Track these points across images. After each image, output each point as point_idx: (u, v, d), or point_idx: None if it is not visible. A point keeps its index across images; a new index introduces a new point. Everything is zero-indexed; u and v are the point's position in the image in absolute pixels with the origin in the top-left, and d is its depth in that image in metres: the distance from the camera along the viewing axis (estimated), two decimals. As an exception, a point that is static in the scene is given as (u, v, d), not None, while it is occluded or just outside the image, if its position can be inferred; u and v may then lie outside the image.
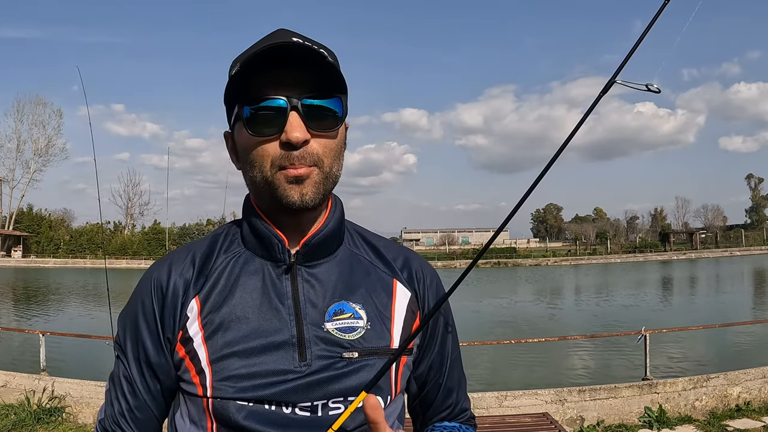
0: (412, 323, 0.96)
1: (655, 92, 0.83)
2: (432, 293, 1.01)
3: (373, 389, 0.86)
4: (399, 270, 0.99)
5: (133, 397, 0.90)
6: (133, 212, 70.92)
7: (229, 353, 0.85)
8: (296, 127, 0.82)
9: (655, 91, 0.82)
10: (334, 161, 0.88)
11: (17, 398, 5.68)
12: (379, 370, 0.82)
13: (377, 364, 0.88)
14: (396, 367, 0.91)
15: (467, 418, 1.07)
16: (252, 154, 0.86)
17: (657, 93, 0.83)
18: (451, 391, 1.05)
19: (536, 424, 4.26)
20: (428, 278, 1.01)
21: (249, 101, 0.84)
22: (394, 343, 0.91)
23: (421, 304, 0.99)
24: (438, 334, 1.01)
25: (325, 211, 0.94)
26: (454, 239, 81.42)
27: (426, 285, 1.00)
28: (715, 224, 75.95)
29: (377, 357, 0.89)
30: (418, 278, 1.00)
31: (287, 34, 0.86)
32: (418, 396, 1.03)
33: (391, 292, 0.96)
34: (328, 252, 0.94)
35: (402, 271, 0.99)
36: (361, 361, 0.87)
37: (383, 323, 0.92)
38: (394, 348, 0.91)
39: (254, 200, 0.94)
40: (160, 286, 0.91)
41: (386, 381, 0.90)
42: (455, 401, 1.05)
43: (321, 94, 0.85)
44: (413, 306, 0.97)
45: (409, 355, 0.95)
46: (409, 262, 1.01)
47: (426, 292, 1.00)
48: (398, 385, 0.92)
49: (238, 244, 0.94)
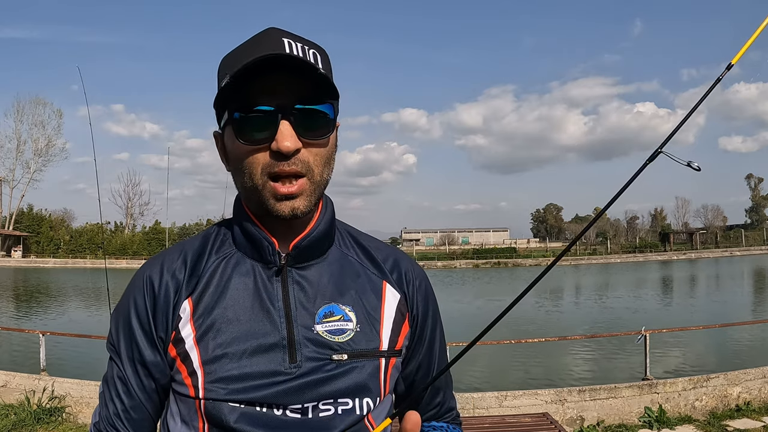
0: (401, 325, 0.96)
1: (695, 170, 0.88)
2: (421, 295, 1.01)
3: (363, 391, 0.88)
4: (389, 272, 1.00)
5: (128, 397, 0.90)
6: (133, 212, 70.98)
7: (221, 355, 0.85)
8: (287, 136, 0.81)
9: (696, 169, 0.88)
10: (324, 168, 0.88)
11: (17, 398, 5.68)
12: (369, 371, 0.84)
13: (366, 366, 0.89)
14: (385, 368, 0.92)
15: (453, 417, 1.09)
16: (242, 161, 0.86)
17: (698, 171, 0.88)
18: (438, 390, 1.07)
19: (536, 424, 4.26)
20: (417, 280, 1.02)
21: (239, 107, 0.83)
22: (383, 345, 0.92)
23: (410, 306, 0.99)
24: (426, 335, 1.02)
25: (315, 213, 0.94)
26: (454, 239, 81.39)
27: (415, 287, 1.01)
28: (715, 224, 75.90)
29: (366, 359, 0.90)
30: (407, 280, 1.00)
31: (278, 36, 0.84)
32: (405, 396, 1.04)
33: (380, 294, 0.96)
34: (318, 254, 0.94)
35: (392, 273, 1.00)
36: (351, 363, 0.88)
37: (372, 325, 0.92)
38: (383, 350, 0.92)
39: (245, 202, 0.93)
40: (152, 285, 0.91)
41: (375, 382, 0.90)
42: (442, 400, 1.07)
43: (312, 101, 0.84)
44: (402, 308, 0.98)
45: (398, 357, 0.95)
46: (399, 264, 1.02)
47: (415, 294, 1.00)
48: (387, 386, 0.93)
49: (229, 245, 0.94)
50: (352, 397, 0.87)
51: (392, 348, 0.94)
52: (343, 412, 0.86)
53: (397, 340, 0.95)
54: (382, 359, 0.92)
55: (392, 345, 0.94)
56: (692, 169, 0.87)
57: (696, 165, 0.87)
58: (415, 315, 1.00)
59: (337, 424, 0.86)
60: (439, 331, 1.06)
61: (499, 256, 58.16)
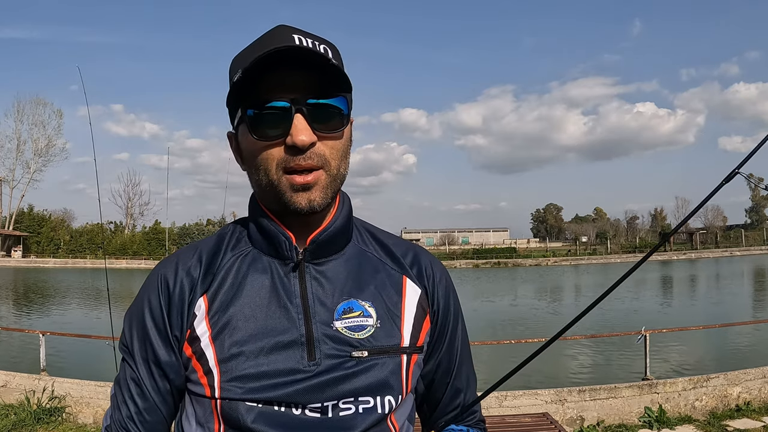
0: (422, 321, 0.94)
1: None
2: (442, 289, 0.99)
3: (384, 389, 0.86)
4: (408, 266, 0.97)
5: (142, 399, 0.88)
6: (133, 212, 71.05)
7: (237, 353, 0.83)
8: (302, 130, 0.81)
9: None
10: (341, 161, 0.87)
11: (17, 398, 5.68)
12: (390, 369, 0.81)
13: (388, 363, 0.87)
14: (407, 365, 0.89)
15: (476, 420, 1.04)
16: (257, 158, 0.84)
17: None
18: (459, 391, 1.02)
19: (536, 424, 4.26)
20: (438, 275, 0.99)
21: (252, 104, 0.83)
22: (404, 341, 0.90)
23: (431, 301, 0.97)
24: (447, 332, 0.99)
25: (332, 208, 0.92)
26: (454, 239, 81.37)
27: (436, 281, 0.98)
28: (715, 224, 75.88)
29: (387, 356, 0.87)
30: (428, 275, 0.98)
31: (288, 32, 0.83)
32: (425, 395, 1.01)
33: (400, 289, 0.94)
34: (336, 249, 0.92)
35: (412, 268, 0.97)
36: (371, 360, 0.86)
37: (393, 321, 0.90)
38: (404, 346, 0.89)
39: (260, 200, 0.92)
40: (166, 283, 0.89)
41: (397, 380, 0.88)
42: (463, 402, 1.03)
43: (325, 94, 0.83)
44: (423, 303, 0.95)
45: (419, 354, 0.93)
46: (419, 259, 0.99)
47: (436, 289, 0.98)
48: (409, 384, 0.90)
49: (245, 243, 0.93)
50: (373, 395, 0.85)
51: (414, 344, 0.91)
52: (365, 411, 0.84)
53: (418, 336, 0.92)
54: (404, 356, 0.89)
55: (414, 341, 0.91)
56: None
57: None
58: (436, 310, 0.97)
59: (359, 423, 0.83)
60: (461, 329, 1.02)
61: (499, 256, 58.11)
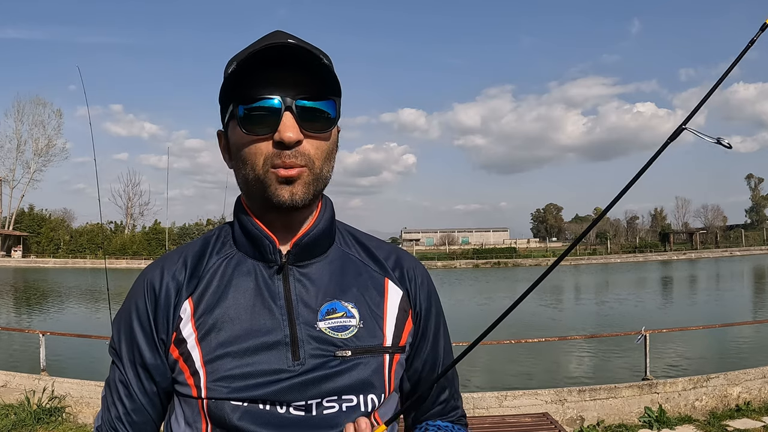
0: (404, 321, 0.97)
1: (726, 147, 0.78)
2: (424, 292, 1.02)
3: (367, 387, 0.88)
4: (391, 269, 1.00)
5: (129, 400, 0.91)
6: (133, 212, 71.09)
7: (222, 354, 0.85)
8: (289, 127, 0.83)
9: (726, 146, 0.78)
10: (325, 163, 0.89)
11: (17, 398, 5.68)
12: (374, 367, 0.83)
13: (370, 362, 0.90)
14: (389, 364, 0.92)
15: (459, 416, 1.08)
16: (245, 152, 0.87)
17: (728, 148, 0.79)
18: (444, 388, 1.06)
19: (536, 424, 4.26)
20: (419, 277, 1.02)
21: (244, 100, 0.85)
22: (386, 341, 0.93)
23: (413, 303, 1.00)
24: (430, 332, 1.02)
25: (315, 211, 0.95)
26: (454, 239, 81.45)
27: (417, 284, 1.01)
28: (715, 224, 75.93)
29: (370, 355, 0.90)
30: (409, 277, 1.01)
31: (284, 36, 0.87)
32: (411, 394, 1.03)
33: (383, 291, 0.97)
34: (319, 252, 0.95)
35: (394, 270, 1.00)
36: (354, 360, 0.88)
37: (376, 322, 0.93)
38: (386, 346, 0.92)
39: (245, 201, 0.95)
40: (152, 287, 0.91)
41: (380, 379, 0.90)
42: (447, 398, 1.06)
43: (315, 96, 0.86)
44: (405, 305, 0.98)
45: (401, 353, 0.95)
46: (401, 261, 1.02)
47: (418, 291, 1.01)
48: (392, 382, 0.93)
49: (230, 246, 0.95)
50: (356, 393, 0.87)
51: (396, 344, 0.94)
52: (348, 409, 0.86)
53: (400, 336, 0.95)
54: (386, 355, 0.92)
55: (396, 341, 0.94)
56: (722, 146, 0.78)
57: (726, 142, 0.78)
58: (418, 312, 1.00)
59: (342, 421, 0.85)
60: (443, 328, 1.06)
61: (499, 256, 58.18)
